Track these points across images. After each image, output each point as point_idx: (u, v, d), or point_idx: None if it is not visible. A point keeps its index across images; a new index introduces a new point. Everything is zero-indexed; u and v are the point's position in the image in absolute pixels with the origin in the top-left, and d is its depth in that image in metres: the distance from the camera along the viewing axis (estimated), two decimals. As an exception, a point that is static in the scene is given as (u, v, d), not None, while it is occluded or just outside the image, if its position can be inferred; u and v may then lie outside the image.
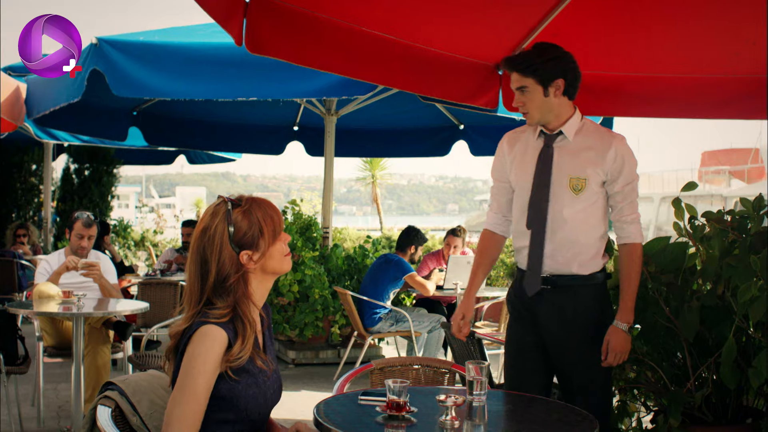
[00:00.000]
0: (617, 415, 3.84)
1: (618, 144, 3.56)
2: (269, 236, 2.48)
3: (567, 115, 3.60)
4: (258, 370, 2.49)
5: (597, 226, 3.57)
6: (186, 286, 2.50)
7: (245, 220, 2.46)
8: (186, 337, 2.40)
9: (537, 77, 3.53)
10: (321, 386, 7.25)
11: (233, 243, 2.44)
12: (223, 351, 2.39)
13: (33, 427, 5.65)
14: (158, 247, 16.06)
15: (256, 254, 2.47)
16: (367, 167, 27.43)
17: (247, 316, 2.45)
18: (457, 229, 8.32)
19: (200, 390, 2.35)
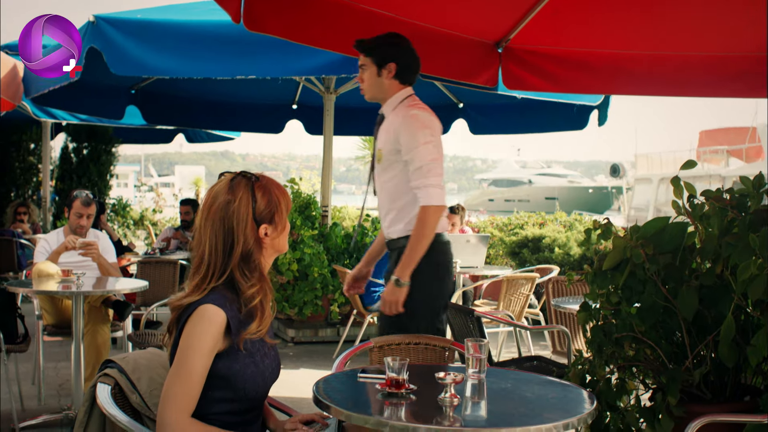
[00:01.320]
0: (615, 392, 3.84)
1: (403, 117, 3.93)
2: (284, 213, 2.54)
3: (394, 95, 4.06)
4: (256, 349, 2.50)
5: (407, 193, 3.93)
6: (200, 258, 2.49)
7: (266, 196, 2.50)
8: (186, 314, 2.41)
9: (373, 57, 4.02)
10: (320, 364, 7.27)
11: (254, 216, 2.47)
12: (222, 331, 2.39)
13: (33, 405, 5.67)
14: (157, 226, 16.06)
15: (271, 229, 2.51)
16: (366, 146, 27.35)
17: (270, 295, 2.51)
18: (454, 207, 8.31)
19: (196, 370, 2.35)
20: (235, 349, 2.43)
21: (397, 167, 3.96)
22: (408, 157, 3.88)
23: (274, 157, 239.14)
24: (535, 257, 9.88)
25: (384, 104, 4.12)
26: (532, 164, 75.02)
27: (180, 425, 2.33)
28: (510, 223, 11.42)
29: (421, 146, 3.85)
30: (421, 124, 3.91)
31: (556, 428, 2.23)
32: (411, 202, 3.93)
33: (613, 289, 3.85)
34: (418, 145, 3.85)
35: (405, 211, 3.98)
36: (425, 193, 3.84)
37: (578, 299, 5.19)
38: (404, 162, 3.92)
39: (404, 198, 3.97)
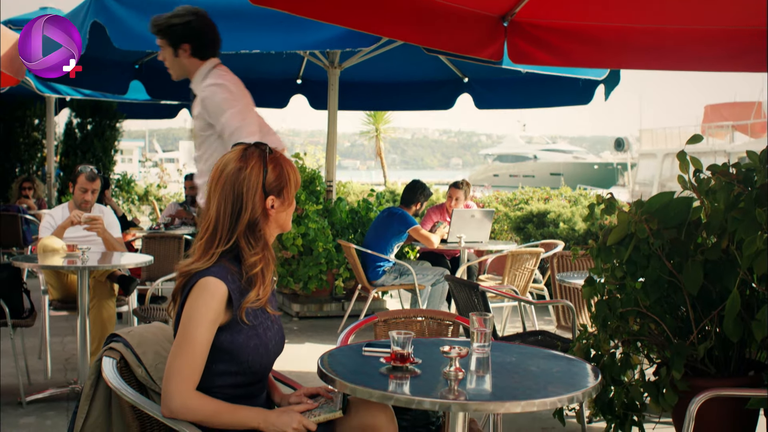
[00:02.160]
0: (620, 367, 3.85)
1: (206, 90, 3.98)
2: (292, 189, 2.55)
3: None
4: (259, 322, 2.50)
5: None
6: (207, 223, 2.50)
7: (277, 169, 2.52)
8: (189, 286, 2.41)
9: (168, 39, 4.07)
10: (325, 339, 7.30)
11: (264, 187, 2.48)
12: (224, 304, 2.40)
13: (40, 379, 5.70)
14: (162, 201, 16.06)
15: (278, 203, 2.52)
16: (370, 121, 27.30)
17: (272, 264, 2.53)
18: (459, 182, 8.29)
19: (199, 343, 2.36)
20: (238, 322, 2.43)
21: (211, 140, 4.06)
22: (219, 127, 3.97)
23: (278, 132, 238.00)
24: (539, 232, 9.87)
25: (192, 81, 4.15)
26: (537, 140, 74.81)
27: (185, 398, 2.34)
28: (515, 198, 11.40)
29: (227, 113, 3.94)
30: (223, 92, 3.99)
31: (560, 401, 2.24)
32: None
33: (618, 264, 3.85)
34: (225, 113, 3.94)
35: None
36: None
37: (583, 274, 5.19)
38: (218, 134, 4.01)
39: None
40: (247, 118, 4.00)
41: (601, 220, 7.85)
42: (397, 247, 7.58)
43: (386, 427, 2.60)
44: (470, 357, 2.58)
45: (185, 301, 2.41)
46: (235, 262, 2.48)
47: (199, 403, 2.36)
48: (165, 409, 2.36)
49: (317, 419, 2.48)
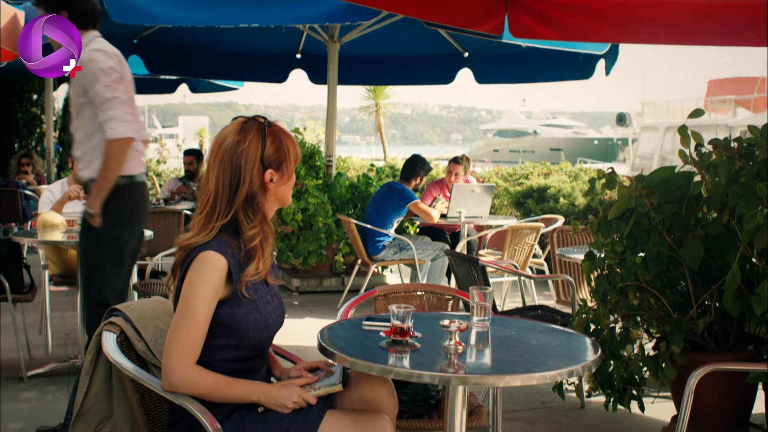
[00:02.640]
0: (619, 341, 3.86)
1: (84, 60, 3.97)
2: (291, 163, 2.53)
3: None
4: (259, 296, 2.50)
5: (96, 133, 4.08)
6: (207, 196, 2.49)
7: (276, 142, 2.50)
8: (188, 260, 2.41)
9: (45, 7, 4.12)
10: (325, 313, 7.31)
11: (262, 160, 2.47)
12: (224, 278, 2.39)
13: (41, 354, 5.72)
14: (161, 177, 16.03)
15: (277, 177, 2.51)
16: (370, 96, 27.20)
17: (271, 237, 2.52)
18: (459, 157, 8.27)
19: (199, 317, 2.36)
20: (238, 296, 2.43)
21: (86, 110, 4.09)
22: (92, 94, 4.00)
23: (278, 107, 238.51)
24: (539, 207, 9.87)
25: None
26: (537, 115, 74.68)
27: (185, 372, 2.35)
28: (515, 173, 11.39)
29: (101, 83, 3.97)
30: (100, 63, 4.01)
31: (560, 375, 2.24)
32: (101, 143, 4.07)
33: (618, 239, 3.85)
34: (98, 83, 3.97)
35: (96, 151, 4.09)
36: (109, 127, 3.98)
37: (583, 249, 5.19)
38: (92, 104, 4.04)
39: (94, 139, 4.09)
40: (119, 92, 4.04)
41: (601, 195, 7.87)
42: (396, 221, 7.58)
43: (386, 401, 2.61)
44: (470, 331, 2.58)
45: (185, 275, 2.41)
46: (234, 235, 2.47)
47: (199, 377, 2.37)
48: (165, 383, 2.37)
49: (317, 393, 2.49)
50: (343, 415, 2.49)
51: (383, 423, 2.46)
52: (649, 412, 4.33)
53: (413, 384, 2.99)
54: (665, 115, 34.90)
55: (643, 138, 35.85)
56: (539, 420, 4.61)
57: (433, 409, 3.08)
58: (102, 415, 2.70)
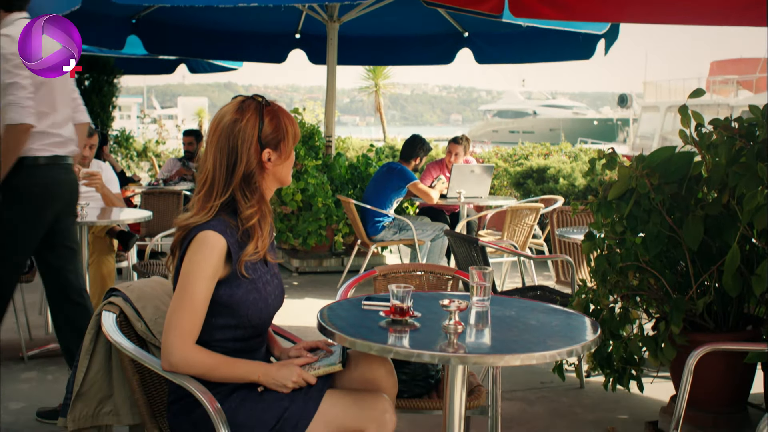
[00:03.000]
0: (619, 321, 3.86)
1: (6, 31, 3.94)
2: (290, 143, 2.51)
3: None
4: (258, 276, 2.50)
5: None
6: (205, 176, 2.48)
7: (274, 121, 2.49)
8: (188, 240, 2.40)
9: None
10: (325, 294, 7.32)
11: (260, 139, 2.45)
12: (223, 258, 2.39)
13: (41, 334, 5.73)
14: (161, 157, 16.02)
15: (275, 156, 2.49)
16: (370, 76, 27.12)
17: (269, 216, 2.51)
18: (458, 137, 8.25)
19: (198, 297, 2.36)
20: (237, 276, 2.43)
21: None
22: None
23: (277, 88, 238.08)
24: (539, 188, 9.86)
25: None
26: (537, 95, 74.53)
27: (184, 351, 2.35)
28: (515, 154, 11.37)
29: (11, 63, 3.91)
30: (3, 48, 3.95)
31: (560, 355, 2.24)
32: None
33: (618, 219, 3.84)
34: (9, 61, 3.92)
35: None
36: (6, 112, 3.92)
37: (583, 229, 5.19)
38: None
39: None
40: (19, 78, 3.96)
41: (601, 176, 7.85)
42: (396, 202, 7.57)
43: (386, 381, 2.61)
44: (470, 311, 2.58)
45: (184, 255, 2.41)
46: (233, 215, 2.46)
47: (198, 357, 2.37)
48: (165, 362, 2.37)
49: (317, 372, 2.49)
50: (342, 394, 2.49)
51: (383, 402, 2.47)
52: (648, 392, 4.35)
53: (413, 364, 3.00)
54: (667, 95, 34.77)
55: (644, 118, 35.76)
56: (538, 400, 4.63)
57: (433, 388, 3.09)
58: (102, 394, 2.71)
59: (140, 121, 21.29)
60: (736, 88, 32.92)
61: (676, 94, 33.61)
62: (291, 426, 2.39)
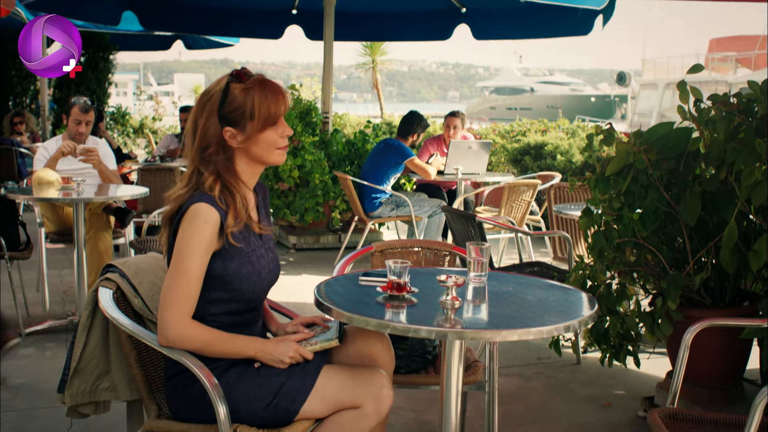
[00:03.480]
0: (616, 297, 3.87)
1: None
2: (259, 122, 2.41)
3: None
4: (252, 249, 2.48)
5: None
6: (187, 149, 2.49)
7: (240, 97, 2.41)
8: (180, 213, 2.39)
9: None
10: (322, 270, 7.32)
11: (221, 115, 2.41)
12: (216, 231, 2.37)
13: (38, 311, 5.73)
14: (157, 134, 15.99)
15: (239, 135, 2.42)
16: (367, 52, 27.05)
17: (234, 189, 2.44)
18: (455, 111, 8.22)
19: (193, 271, 2.35)
20: (230, 249, 2.41)
21: None
22: None
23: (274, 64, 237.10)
24: (537, 164, 9.85)
25: None
26: (534, 72, 74.19)
27: (181, 326, 2.34)
28: (512, 130, 11.35)
29: None
30: None
31: (557, 330, 2.23)
32: None
33: (616, 195, 3.83)
34: None
35: None
36: None
37: (580, 205, 5.18)
38: None
39: None
40: None
41: (599, 152, 7.84)
42: (393, 178, 7.55)
43: (383, 356, 2.61)
44: (467, 286, 2.58)
45: (177, 229, 2.39)
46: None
47: (195, 332, 2.36)
48: (162, 338, 2.36)
49: (314, 348, 2.49)
50: (339, 369, 2.49)
51: (380, 377, 2.47)
52: (645, 367, 4.36)
53: (410, 339, 3.00)
54: (665, 72, 34.66)
55: (642, 95, 35.69)
56: (535, 375, 4.64)
57: (430, 364, 3.09)
58: (99, 370, 2.71)
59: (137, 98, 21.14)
60: (734, 65, 32.85)
61: (675, 71, 33.52)
62: (288, 401, 2.39)
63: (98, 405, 2.77)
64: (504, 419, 3.94)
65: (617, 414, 4.08)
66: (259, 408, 2.39)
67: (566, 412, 4.10)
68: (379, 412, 2.44)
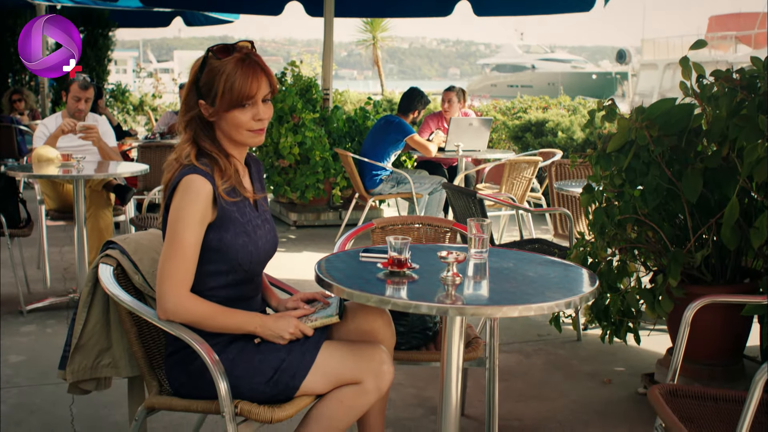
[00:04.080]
0: (616, 274, 3.87)
1: None
2: (225, 101, 2.40)
3: None
4: (247, 220, 2.48)
5: None
6: None
7: (213, 72, 2.40)
8: (171, 187, 2.39)
9: None
10: (322, 247, 7.32)
11: (197, 87, 2.43)
12: (210, 201, 2.37)
13: (39, 288, 5.74)
14: (157, 111, 15.93)
15: (210, 109, 2.43)
16: (367, 29, 26.92)
17: (216, 155, 2.44)
18: (452, 86, 8.19)
19: (188, 243, 2.34)
20: (225, 219, 2.40)
21: None
22: None
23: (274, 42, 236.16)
24: (538, 141, 9.83)
25: None
26: (535, 49, 73.96)
27: (179, 299, 2.33)
28: (513, 107, 11.32)
29: None
30: None
31: (558, 306, 2.23)
32: None
33: (617, 171, 3.82)
34: None
35: None
36: None
37: (581, 182, 5.17)
38: None
39: None
40: None
41: (600, 129, 7.82)
42: (394, 155, 7.54)
43: (383, 332, 2.61)
44: (468, 262, 2.57)
45: (170, 202, 2.39)
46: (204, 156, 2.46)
47: (193, 304, 2.35)
48: (160, 311, 2.36)
49: (314, 324, 2.49)
50: (340, 345, 2.49)
51: (380, 353, 2.47)
52: (645, 344, 4.37)
53: (410, 315, 3.00)
54: (665, 52, 34.54)
55: (643, 75, 35.58)
56: (535, 352, 4.65)
57: (430, 340, 3.09)
58: (100, 347, 2.72)
59: (136, 75, 21.07)
60: (734, 43, 32.72)
61: (675, 51, 33.42)
62: (288, 377, 2.39)
63: (99, 381, 2.78)
64: (504, 395, 3.95)
65: (617, 390, 4.10)
66: (259, 384, 2.39)
67: (566, 389, 4.11)
68: (380, 388, 2.44)
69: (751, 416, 2.19)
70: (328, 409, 2.44)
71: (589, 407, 3.88)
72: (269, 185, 8.57)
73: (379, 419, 2.68)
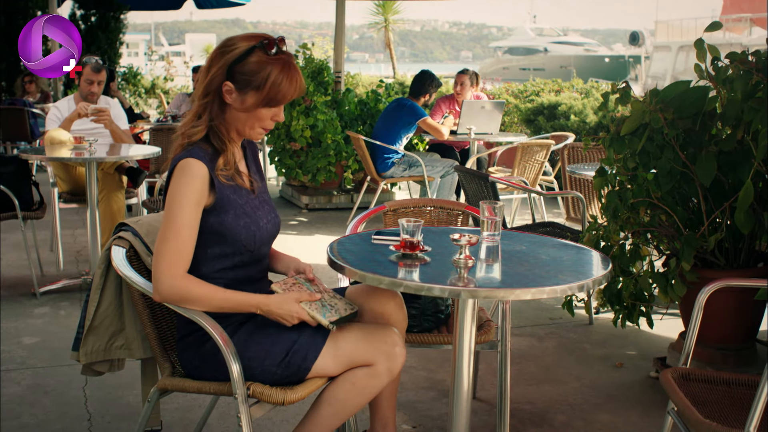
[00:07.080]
0: (629, 258, 3.85)
1: None
2: (261, 96, 2.38)
3: None
4: (245, 201, 2.47)
5: None
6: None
7: (257, 65, 2.36)
8: (170, 172, 2.39)
9: None
10: (334, 230, 7.32)
11: (230, 70, 2.37)
12: (206, 184, 2.36)
13: (53, 270, 5.76)
14: (169, 94, 15.95)
15: (235, 95, 2.39)
16: (379, 11, 26.82)
17: (225, 138, 2.44)
18: (465, 69, 8.16)
19: (183, 224, 2.33)
20: (223, 202, 2.40)
21: None
22: None
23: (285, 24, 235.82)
24: (550, 124, 9.78)
25: None
26: (548, 32, 73.49)
27: (174, 280, 2.32)
28: (526, 90, 11.27)
29: None
30: None
31: (570, 289, 2.22)
32: None
33: (630, 154, 3.80)
34: None
35: None
36: None
37: (594, 166, 5.15)
38: None
39: None
40: None
41: (613, 112, 7.78)
42: (406, 138, 7.52)
43: (395, 315, 2.61)
44: (480, 245, 2.56)
45: (169, 184, 2.39)
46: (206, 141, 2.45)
47: (187, 284, 2.33)
48: (155, 292, 2.35)
49: (311, 314, 2.42)
50: (352, 327, 2.48)
51: (392, 336, 2.46)
52: (657, 328, 4.36)
53: (423, 298, 3.00)
54: (678, 35, 34.27)
55: (656, 57, 35.33)
56: (547, 336, 4.65)
57: (443, 323, 3.09)
58: (113, 329, 2.73)
59: (148, 58, 21.10)
60: (749, 25, 32.40)
61: (689, 33, 33.13)
62: (300, 358, 2.39)
63: (113, 363, 2.79)
64: (516, 379, 3.95)
65: (629, 374, 4.09)
66: (271, 365, 2.39)
67: (578, 372, 4.11)
68: (392, 370, 2.44)
69: (765, 400, 2.19)
70: (340, 391, 2.44)
71: (601, 391, 3.87)
72: (281, 168, 8.57)
73: (390, 402, 2.68)
